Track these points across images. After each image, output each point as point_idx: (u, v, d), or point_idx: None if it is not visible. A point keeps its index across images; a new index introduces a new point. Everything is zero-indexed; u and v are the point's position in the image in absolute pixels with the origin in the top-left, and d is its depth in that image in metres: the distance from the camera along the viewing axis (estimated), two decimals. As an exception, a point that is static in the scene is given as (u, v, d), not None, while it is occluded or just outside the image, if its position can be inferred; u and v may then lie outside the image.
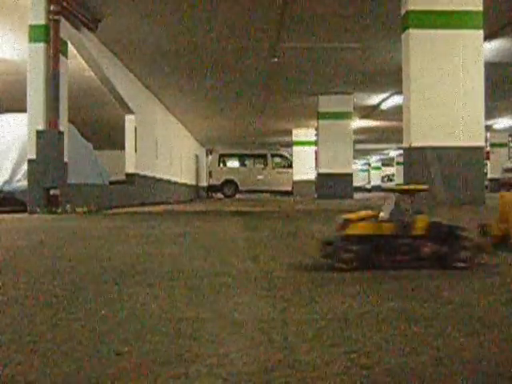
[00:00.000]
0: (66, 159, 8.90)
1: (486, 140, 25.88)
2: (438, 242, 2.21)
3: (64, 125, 8.94)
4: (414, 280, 2.06)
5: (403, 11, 8.78)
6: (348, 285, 1.98)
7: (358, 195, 21.48)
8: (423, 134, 8.62)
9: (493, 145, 28.97)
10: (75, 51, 10.34)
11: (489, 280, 2.02)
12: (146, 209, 10.54)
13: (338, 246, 2.23)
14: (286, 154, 27.17)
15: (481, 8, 8.55)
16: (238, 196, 25.38)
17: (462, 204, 8.45)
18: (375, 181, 54.97)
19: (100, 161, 12.69)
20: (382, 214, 2.25)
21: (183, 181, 23.14)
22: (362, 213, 2.30)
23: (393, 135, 27.12)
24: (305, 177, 25.53)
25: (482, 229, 2.25)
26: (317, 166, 19.47)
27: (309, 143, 25.56)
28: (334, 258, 2.24)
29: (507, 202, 2.12)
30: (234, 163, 27.31)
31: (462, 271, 2.15)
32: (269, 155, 26.38)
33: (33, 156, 8.45)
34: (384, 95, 17.92)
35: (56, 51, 8.49)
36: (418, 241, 2.20)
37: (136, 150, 13.98)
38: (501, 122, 25.16)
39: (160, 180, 17.35)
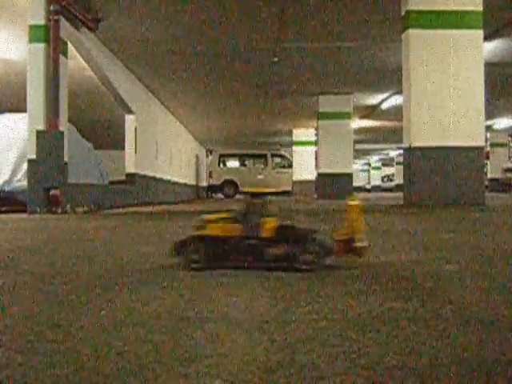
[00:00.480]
0: (66, 159, 8.90)
1: (486, 140, 25.88)
2: (284, 243, 2.25)
3: (64, 125, 8.95)
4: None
5: (403, 11, 8.79)
6: (348, 285, 1.99)
7: (357, 195, 21.45)
8: (423, 134, 8.63)
9: (493, 145, 28.98)
10: (75, 51, 10.35)
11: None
12: (146, 209, 10.55)
13: (189, 246, 2.30)
14: (285, 154, 27.17)
15: (481, 8, 8.55)
16: (238, 196, 25.38)
17: (463, 204, 8.45)
18: (375, 181, 54.99)
19: (100, 161, 12.69)
20: (233, 216, 2.33)
21: (183, 181, 23.14)
22: (223, 214, 2.37)
23: (393, 135, 27.13)
24: (305, 177, 25.54)
25: (332, 233, 2.36)
26: (317, 166, 19.47)
27: (309, 143, 25.57)
28: (185, 257, 2.31)
29: (351, 211, 2.25)
30: (234, 163, 27.31)
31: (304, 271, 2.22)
32: (269, 155, 26.38)
33: (33, 156, 8.46)
34: (384, 95, 17.93)
35: (56, 51, 8.49)
36: (265, 242, 2.25)
37: (136, 150, 13.98)
38: (501, 122, 25.16)
39: (160, 180, 17.36)
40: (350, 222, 2.26)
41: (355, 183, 23.30)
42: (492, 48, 11.91)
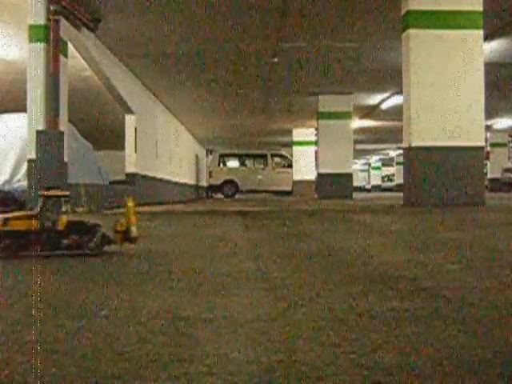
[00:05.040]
0: (66, 159, 8.90)
1: (486, 140, 25.87)
2: (75, 235, 2.83)
3: (64, 125, 8.94)
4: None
5: (403, 11, 8.79)
6: (348, 285, 1.99)
7: (357, 195, 21.48)
8: (423, 133, 8.63)
9: (493, 145, 28.98)
10: (75, 51, 10.34)
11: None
12: (146, 209, 10.54)
13: None
14: (285, 154, 27.17)
15: (481, 8, 8.55)
16: (238, 196, 25.38)
17: (463, 204, 8.45)
18: (375, 181, 54.99)
19: (100, 161, 12.69)
20: (33, 213, 2.84)
21: (183, 181, 23.14)
22: (20, 213, 2.97)
23: (393, 135, 27.13)
24: (305, 177, 25.53)
25: (113, 225, 2.89)
26: (317, 166, 19.47)
27: (309, 143, 25.56)
28: None
29: (128, 206, 2.87)
30: (234, 163, 27.30)
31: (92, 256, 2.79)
32: (269, 155, 26.37)
33: (33, 156, 8.45)
34: (384, 95, 17.93)
35: (56, 51, 8.48)
36: (60, 234, 2.81)
37: (136, 150, 13.98)
38: (501, 122, 25.16)
39: (160, 180, 17.36)
40: (126, 217, 2.85)
41: (355, 183, 23.31)
42: (492, 48, 11.91)
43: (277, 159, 26.59)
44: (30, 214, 2.88)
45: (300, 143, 25.90)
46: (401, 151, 30.32)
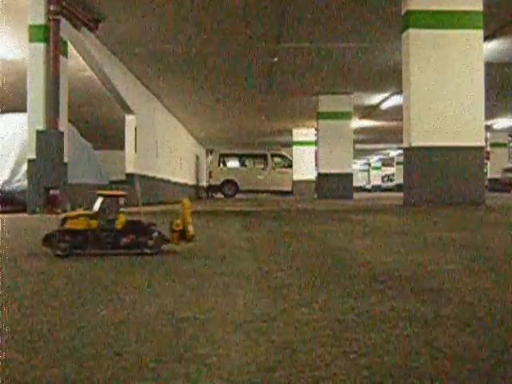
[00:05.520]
0: (66, 159, 8.90)
1: (486, 140, 25.88)
2: (133, 234, 2.88)
3: (64, 125, 8.95)
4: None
5: (403, 11, 8.79)
6: (348, 285, 1.99)
7: (358, 195, 21.48)
8: (423, 133, 8.63)
9: (493, 145, 28.98)
10: (75, 51, 10.35)
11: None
12: (146, 209, 10.54)
13: (56, 237, 2.82)
14: (285, 154, 27.17)
15: (481, 8, 8.56)
16: (238, 196, 25.37)
17: (463, 204, 8.46)
18: (375, 181, 55.00)
19: (100, 161, 12.69)
20: (91, 213, 2.87)
21: (183, 181, 23.14)
22: (78, 212, 2.93)
23: (393, 135, 27.15)
24: (305, 177, 25.54)
25: (170, 225, 2.94)
26: (317, 166, 19.47)
27: (309, 143, 25.57)
28: (53, 247, 2.83)
29: (184, 206, 2.93)
30: (234, 163, 27.30)
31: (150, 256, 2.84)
32: (269, 155, 26.38)
33: (33, 156, 8.45)
34: (384, 95, 17.93)
35: (56, 51, 8.49)
36: (118, 233, 2.86)
37: (136, 150, 13.99)
38: (501, 122, 25.16)
39: (160, 180, 17.36)
40: (183, 216, 2.91)
41: (355, 183, 23.30)
42: (492, 48, 11.91)
43: (277, 159, 26.59)
44: (88, 213, 2.90)
45: (300, 143, 25.91)
46: (401, 151, 30.33)
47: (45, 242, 2.86)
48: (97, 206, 2.88)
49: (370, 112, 20.92)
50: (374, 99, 18.66)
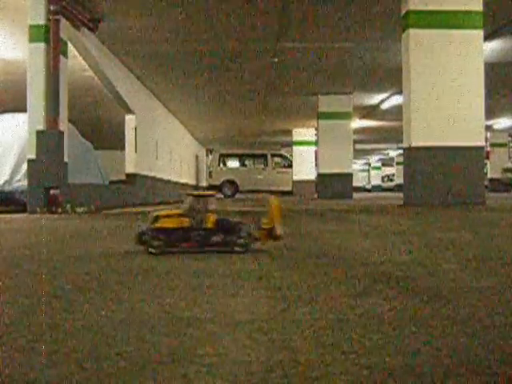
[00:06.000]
0: (66, 159, 8.90)
1: (486, 140, 25.88)
2: (223, 232, 2.92)
3: (64, 125, 8.94)
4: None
5: (403, 11, 8.79)
6: (348, 285, 1.99)
7: (358, 195, 21.47)
8: (423, 133, 8.63)
9: (493, 145, 28.98)
10: (75, 51, 10.34)
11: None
12: (146, 209, 10.54)
13: (149, 235, 2.89)
14: (285, 154, 27.16)
15: (481, 8, 8.56)
16: (237, 196, 25.37)
17: (463, 204, 8.46)
18: (375, 181, 54.99)
19: (100, 161, 12.69)
20: (181, 212, 2.95)
21: (183, 181, 23.15)
22: (169, 211, 3.01)
23: (393, 135, 27.14)
24: (305, 177, 25.54)
25: (257, 224, 3.01)
26: (317, 166, 19.47)
27: (309, 143, 25.57)
28: (144, 244, 2.90)
29: (272, 205, 2.95)
30: (234, 163, 27.29)
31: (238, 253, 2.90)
32: (269, 155, 26.36)
33: (33, 156, 8.45)
34: (384, 95, 17.93)
35: (56, 51, 8.49)
36: (209, 232, 2.92)
37: (136, 150, 13.99)
38: (501, 122, 25.16)
39: (160, 180, 17.36)
40: (271, 215, 2.93)
41: (355, 183, 23.30)
42: (492, 48, 11.91)
43: (277, 159, 26.58)
44: (178, 212, 2.97)
45: (300, 143, 25.90)
46: (401, 151, 30.32)
47: (138, 241, 2.93)
48: (187, 205, 2.94)
49: (369, 112, 20.92)
50: (374, 99, 18.66)
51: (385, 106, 19.19)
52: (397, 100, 17.01)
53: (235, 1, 9.49)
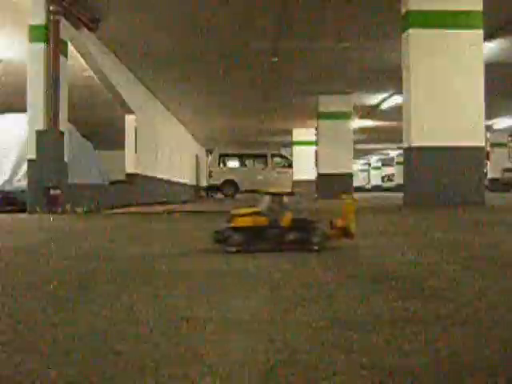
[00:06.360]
0: (66, 159, 8.90)
1: (486, 140, 25.87)
2: (298, 231, 2.96)
3: (64, 125, 8.94)
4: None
5: (403, 11, 8.79)
6: (348, 285, 1.99)
7: (357, 195, 21.45)
8: (423, 133, 8.63)
9: (493, 145, 28.97)
10: (75, 51, 10.34)
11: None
12: (146, 209, 10.54)
13: (227, 234, 2.93)
14: (285, 154, 27.15)
15: (481, 8, 8.55)
16: (238, 196, 25.37)
17: (463, 204, 8.45)
18: (375, 181, 54.97)
19: (100, 161, 12.69)
20: (259, 210, 2.98)
21: (183, 181, 23.14)
22: (245, 210, 3.02)
23: (393, 135, 27.13)
24: (305, 177, 25.53)
25: (330, 223, 3.05)
26: (317, 166, 19.47)
27: (309, 143, 25.56)
28: (224, 243, 2.93)
29: (346, 204, 3.01)
30: (234, 163, 27.27)
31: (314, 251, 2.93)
32: (269, 155, 26.34)
33: (33, 156, 8.45)
34: (384, 95, 17.93)
35: (56, 51, 8.49)
36: (285, 230, 2.95)
37: (136, 150, 13.98)
38: (501, 122, 25.15)
39: (160, 180, 17.36)
40: (345, 214, 2.98)
41: (355, 183, 23.28)
42: (492, 48, 11.91)
43: (277, 159, 26.55)
44: (255, 211, 2.99)
45: (300, 143, 25.90)
46: (401, 151, 30.31)
47: (215, 239, 2.96)
48: (264, 204, 2.99)
49: (369, 112, 20.91)
50: (374, 99, 18.66)
51: (385, 106, 19.18)
52: (397, 100, 17.01)
53: (235, 1, 9.49)
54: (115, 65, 12.75)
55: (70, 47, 9.76)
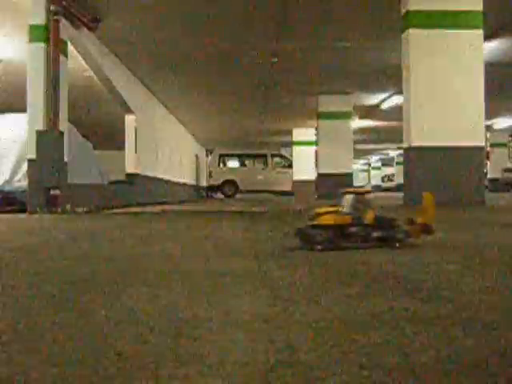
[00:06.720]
0: (66, 159, 8.89)
1: (486, 140, 25.86)
2: (381, 228, 3.02)
3: (64, 125, 8.94)
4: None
5: (403, 11, 8.79)
6: (348, 285, 1.99)
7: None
8: (423, 133, 8.63)
9: (493, 145, 28.97)
10: (75, 51, 10.34)
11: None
12: (146, 209, 10.54)
13: (310, 232, 2.97)
14: (285, 154, 27.15)
15: (481, 8, 8.55)
16: (238, 196, 25.37)
17: (463, 204, 8.45)
18: (375, 181, 54.95)
19: (100, 160, 12.69)
20: (342, 209, 3.03)
21: (183, 181, 23.14)
22: (327, 208, 3.06)
23: (393, 135, 27.12)
24: (305, 177, 25.52)
25: (409, 220, 3.08)
26: (317, 166, 19.46)
27: (309, 143, 25.55)
28: (307, 241, 2.97)
29: (427, 200, 3.05)
30: (234, 163, 27.28)
31: (396, 248, 3.01)
32: (269, 155, 26.35)
33: (33, 156, 8.45)
34: (384, 95, 17.93)
35: (56, 51, 8.49)
36: (368, 228, 3.00)
37: (136, 150, 13.98)
38: (501, 122, 25.14)
39: (160, 180, 17.35)
40: (424, 210, 3.04)
41: (355, 183, 23.28)
42: (492, 48, 11.91)
43: (277, 159, 26.56)
44: (338, 209, 3.05)
45: (300, 143, 25.89)
46: (401, 151, 30.30)
47: (299, 237, 3.01)
48: (346, 202, 3.04)
49: (369, 112, 20.91)
50: (374, 99, 18.66)
51: (385, 106, 19.18)
52: (397, 100, 17.00)
53: (235, 1, 9.49)
54: (115, 65, 12.75)
55: (70, 47, 9.76)
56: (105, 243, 3.78)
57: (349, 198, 3.06)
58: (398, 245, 3.01)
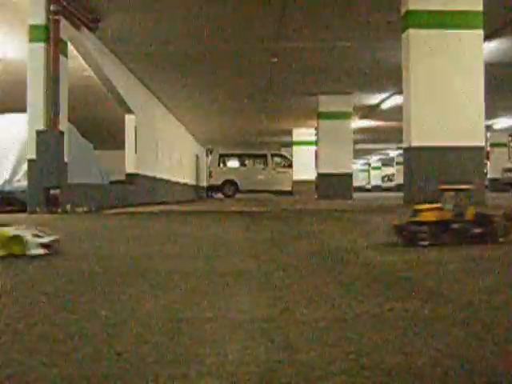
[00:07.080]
0: (66, 159, 8.89)
1: (486, 140, 25.86)
2: (481, 225, 3.05)
3: (64, 125, 8.94)
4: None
5: (403, 11, 8.78)
6: (348, 285, 1.99)
7: (357, 195, 21.45)
8: (423, 133, 8.62)
9: (493, 145, 28.96)
10: (75, 51, 10.34)
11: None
12: (146, 209, 10.54)
13: (413, 229, 3.00)
14: (285, 154, 27.15)
15: (481, 8, 8.55)
16: (238, 196, 25.37)
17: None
18: (375, 181, 54.97)
19: (100, 160, 12.69)
20: (445, 206, 3.08)
21: (183, 181, 23.13)
22: (428, 205, 3.13)
23: (393, 135, 27.12)
24: (305, 177, 25.52)
25: (506, 216, 3.11)
26: (317, 166, 19.45)
27: (309, 143, 25.55)
28: (409, 238, 3.00)
29: None
30: (234, 163, 27.28)
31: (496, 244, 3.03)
32: (269, 155, 26.35)
33: (33, 156, 8.45)
34: (384, 95, 17.92)
35: (56, 51, 8.49)
36: (469, 224, 3.05)
37: (136, 150, 13.98)
38: (501, 122, 25.14)
39: (160, 180, 17.35)
40: None
41: (355, 183, 23.27)
42: (492, 48, 11.91)
43: (277, 159, 26.57)
44: (439, 206, 3.10)
45: (300, 143, 25.88)
46: (401, 151, 30.31)
47: (399, 234, 3.05)
48: (448, 199, 3.09)
49: (369, 112, 20.91)
50: (374, 99, 18.65)
51: (385, 106, 19.18)
52: (397, 100, 17.00)
53: (235, 1, 9.48)
54: (115, 65, 12.74)
55: (70, 47, 9.76)
56: (105, 243, 3.78)
57: (451, 195, 3.12)
58: (500, 240, 3.04)
